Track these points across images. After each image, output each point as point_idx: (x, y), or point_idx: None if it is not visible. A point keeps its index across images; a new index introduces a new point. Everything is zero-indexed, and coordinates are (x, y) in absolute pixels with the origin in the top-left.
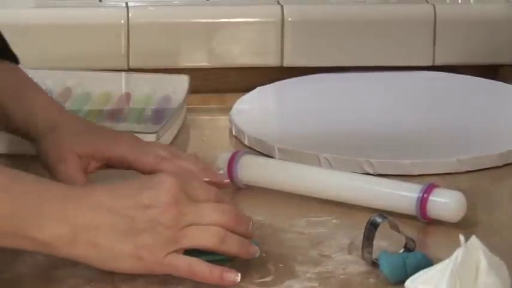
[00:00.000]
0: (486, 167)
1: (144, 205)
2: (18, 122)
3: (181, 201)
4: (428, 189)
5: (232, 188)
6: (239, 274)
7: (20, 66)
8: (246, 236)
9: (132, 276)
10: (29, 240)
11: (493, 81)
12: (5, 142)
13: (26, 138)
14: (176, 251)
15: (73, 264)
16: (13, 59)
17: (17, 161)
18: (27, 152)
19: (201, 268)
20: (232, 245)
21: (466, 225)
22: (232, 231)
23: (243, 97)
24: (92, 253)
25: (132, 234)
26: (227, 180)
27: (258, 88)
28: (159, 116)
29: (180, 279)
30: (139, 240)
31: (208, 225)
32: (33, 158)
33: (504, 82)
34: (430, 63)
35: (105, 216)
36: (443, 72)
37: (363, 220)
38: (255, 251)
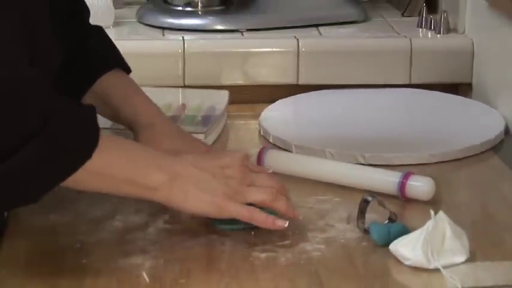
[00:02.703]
0: (450, 159)
1: (222, 165)
2: (126, 117)
3: (247, 168)
4: (406, 176)
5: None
6: (287, 222)
7: None
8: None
9: (184, 240)
10: (140, 187)
11: (454, 95)
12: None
13: (129, 129)
14: (241, 202)
15: (142, 229)
16: (126, 68)
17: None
18: None
19: (259, 214)
20: (281, 204)
21: (435, 203)
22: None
23: (268, 107)
24: (181, 197)
25: (212, 185)
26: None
27: (280, 100)
28: (207, 120)
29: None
30: (217, 190)
31: (265, 187)
32: None
33: (463, 96)
34: (407, 82)
35: (193, 170)
36: (417, 89)
37: (357, 198)
38: (297, 214)
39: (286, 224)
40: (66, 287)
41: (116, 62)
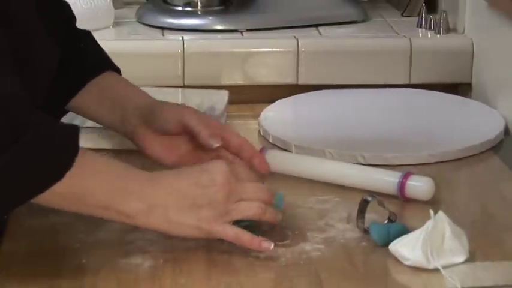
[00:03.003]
0: (449, 159)
1: (204, 185)
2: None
3: (232, 182)
4: (406, 176)
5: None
6: (273, 244)
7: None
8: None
9: (184, 240)
10: (116, 213)
11: (454, 95)
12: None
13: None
14: (227, 222)
15: (141, 230)
16: (117, 70)
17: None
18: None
19: (245, 236)
20: (270, 216)
21: (434, 203)
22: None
23: (268, 107)
24: (163, 224)
25: (194, 209)
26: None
27: (279, 100)
28: None
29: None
30: (200, 213)
31: (252, 201)
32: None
33: (462, 96)
34: (407, 82)
35: (173, 196)
36: (417, 89)
37: (357, 198)
38: (280, 218)
39: (272, 247)
40: (66, 287)
41: (108, 64)
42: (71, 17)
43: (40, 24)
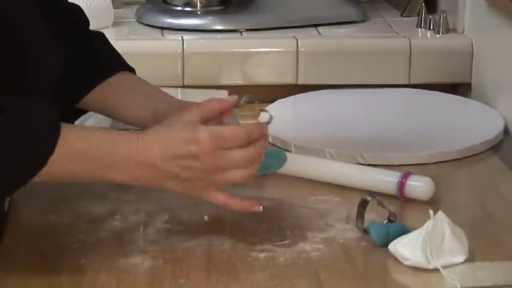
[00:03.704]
0: (449, 159)
1: (186, 158)
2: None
3: (217, 154)
4: (405, 176)
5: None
6: (261, 207)
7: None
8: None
9: (183, 240)
10: (104, 180)
11: (454, 95)
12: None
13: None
14: (215, 190)
15: (141, 229)
16: (132, 70)
17: None
18: None
19: (233, 202)
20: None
21: (434, 203)
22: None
23: (268, 106)
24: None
25: (179, 182)
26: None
27: (279, 100)
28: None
29: None
30: (185, 186)
31: (238, 169)
32: None
33: (462, 96)
34: (406, 82)
35: (156, 171)
36: (416, 89)
37: (356, 198)
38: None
39: (261, 208)
40: (66, 287)
41: (124, 64)
42: (84, 20)
43: (42, 24)
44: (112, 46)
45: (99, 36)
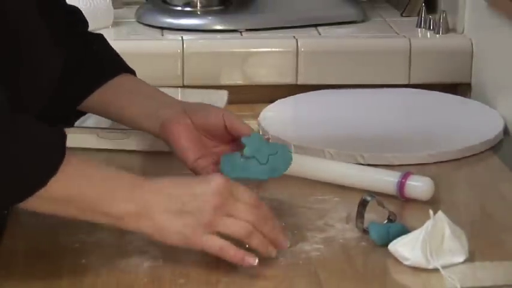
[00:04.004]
0: (449, 159)
1: (195, 194)
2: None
3: (225, 197)
4: (405, 176)
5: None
6: (257, 259)
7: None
8: (270, 236)
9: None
10: (103, 215)
11: (453, 95)
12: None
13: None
14: (212, 233)
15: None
16: (132, 72)
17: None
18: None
19: (228, 249)
20: (256, 242)
21: (434, 203)
22: (260, 231)
23: (268, 107)
24: (149, 227)
25: (181, 214)
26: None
27: (279, 100)
28: None
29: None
30: (186, 219)
31: (240, 220)
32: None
33: (462, 96)
34: (406, 82)
35: (162, 199)
36: (416, 89)
37: (356, 198)
38: (271, 251)
39: (256, 262)
40: (66, 287)
41: (124, 66)
42: (83, 21)
43: (41, 23)
44: (112, 48)
45: (99, 38)
